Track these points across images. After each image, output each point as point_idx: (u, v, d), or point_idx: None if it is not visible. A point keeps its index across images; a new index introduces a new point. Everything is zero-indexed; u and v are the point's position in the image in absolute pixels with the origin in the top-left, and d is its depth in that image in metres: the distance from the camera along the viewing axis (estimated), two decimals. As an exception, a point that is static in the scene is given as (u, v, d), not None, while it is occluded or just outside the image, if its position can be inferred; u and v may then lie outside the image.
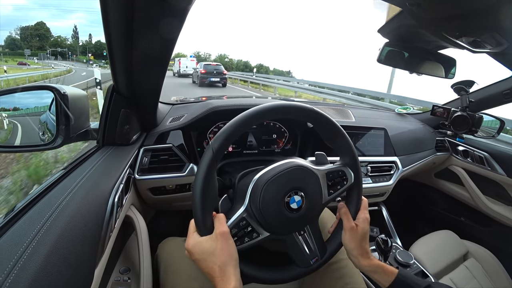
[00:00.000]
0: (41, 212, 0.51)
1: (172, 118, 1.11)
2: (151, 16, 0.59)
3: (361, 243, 0.66)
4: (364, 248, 0.66)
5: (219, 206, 0.63)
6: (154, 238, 0.87)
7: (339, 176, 0.69)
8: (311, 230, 0.67)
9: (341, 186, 0.69)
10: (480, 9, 0.59)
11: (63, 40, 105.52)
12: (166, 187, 1.02)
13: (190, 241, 0.56)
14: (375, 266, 0.65)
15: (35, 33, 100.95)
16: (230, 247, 0.54)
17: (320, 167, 0.68)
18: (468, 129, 1.40)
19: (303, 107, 0.64)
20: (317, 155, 0.73)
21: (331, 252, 0.69)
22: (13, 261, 0.40)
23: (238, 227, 0.59)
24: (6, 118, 0.80)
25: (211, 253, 0.53)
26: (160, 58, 0.74)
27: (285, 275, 0.65)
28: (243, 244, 0.59)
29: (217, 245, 0.53)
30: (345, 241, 0.67)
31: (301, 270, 0.66)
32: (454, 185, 1.59)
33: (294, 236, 0.65)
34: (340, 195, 0.70)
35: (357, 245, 0.66)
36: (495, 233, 1.43)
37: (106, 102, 0.81)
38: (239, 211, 0.60)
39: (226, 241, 0.54)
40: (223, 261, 0.52)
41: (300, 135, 1.23)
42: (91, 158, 0.79)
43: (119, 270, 0.79)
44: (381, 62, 1.00)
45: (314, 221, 0.69)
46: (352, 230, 0.66)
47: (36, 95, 0.82)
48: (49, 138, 0.78)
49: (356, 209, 0.70)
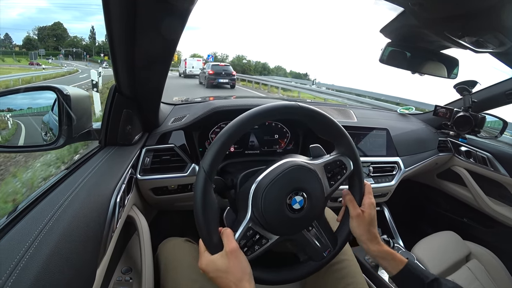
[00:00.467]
0: (44, 212, 0.52)
1: (174, 119, 1.11)
2: (153, 16, 0.59)
3: (369, 228, 0.66)
4: (372, 233, 0.66)
5: (224, 219, 0.64)
6: (156, 238, 0.87)
7: (338, 166, 0.68)
8: (319, 224, 0.68)
9: (341, 176, 0.68)
10: (483, 9, 0.58)
11: (79, 41, 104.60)
12: (168, 187, 1.03)
13: (203, 260, 0.57)
14: (384, 253, 0.66)
15: (52, 33, 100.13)
16: (242, 262, 0.56)
17: (317, 161, 0.67)
18: (471, 129, 1.39)
19: (286, 105, 0.64)
20: (312, 148, 0.72)
21: (343, 241, 0.69)
22: (16, 261, 0.40)
23: (246, 238, 0.59)
24: (11, 119, 0.81)
25: (225, 271, 0.54)
26: (162, 58, 0.74)
27: (299, 273, 0.66)
28: (254, 252, 0.59)
29: (229, 263, 0.54)
30: (353, 228, 0.67)
31: (316, 264, 0.66)
32: (456, 185, 1.58)
33: (304, 233, 0.66)
34: (342, 184, 0.69)
35: (365, 231, 0.66)
36: (498, 234, 1.42)
37: (109, 102, 0.82)
38: (244, 222, 0.60)
39: (236, 257, 0.55)
40: (238, 278, 0.54)
41: (302, 135, 1.23)
42: (93, 158, 0.79)
43: (121, 270, 0.80)
44: (383, 62, 1.00)
45: (321, 215, 0.69)
46: (359, 216, 0.67)
47: (30, 96, 0.82)
48: (51, 138, 0.78)
49: (360, 195, 0.70)
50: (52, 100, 0.79)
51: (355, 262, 0.81)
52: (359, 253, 1.01)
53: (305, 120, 0.67)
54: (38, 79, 16.11)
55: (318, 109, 0.66)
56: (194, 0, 0.55)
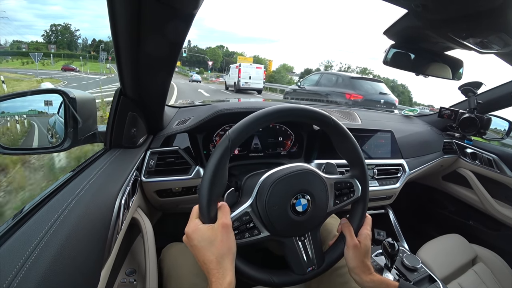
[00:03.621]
0: (49, 214, 0.52)
1: (179, 121, 1.11)
2: (158, 20, 0.60)
3: (364, 260, 0.66)
4: (366, 264, 0.66)
5: (225, 198, 0.63)
6: (160, 240, 0.87)
7: (347, 188, 0.69)
8: (311, 238, 0.67)
9: (347, 198, 0.69)
10: (487, 10, 0.58)
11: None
12: (173, 189, 1.03)
13: (192, 225, 0.56)
14: (378, 282, 0.65)
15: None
16: (230, 240, 0.54)
17: (330, 176, 0.68)
18: (476, 131, 1.38)
19: (321, 114, 0.65)
20: (327, 164, 0.74)
21: (329, 264, 0.68)
22: (21, 262, 0.40)
23: (240, 221, 0.59)
24: (25, 121, 0.82)
25: (211, 242, 0.52)
26: (166, 61, 0.75)
27: (279, 280, 0.64)
28: (243, 239, 0.59)
29: (217, 236, 0.53)
30: (349, 259, 0.66)
31: (296, 277, 0.65)
32: (462, 188, 1.57)
33: (294, 240, 0.65)
34: (345, 206, 0.69)
35: (360, 262, 0.65)
36: (505, 237, 1.41)
37: (114, 105, 0.82)
38: (244, 205, 0.60)
39: (227, 233, 0.54)
40: (221, 253, 0.52)
41: (306, 138, 1.23)
42: (99, 160, 0.80)
43: (125, 271, 0.80)
44: (387, 64, 1.00)
45: (316, 228, 0.68)
46: (355, 247, 0.66)
47: (37, 99, 0.83)
48: (57, 141, 0.79)
49: (359, 224, 0.70)
50: (42, 104, 0.80)
51: None
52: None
53: (332, 135, 0.69)
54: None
55: (348, 131, 0.68)
56: (198, 5, 0.56)
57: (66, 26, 59.58)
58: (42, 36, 61.45)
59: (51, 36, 57.70)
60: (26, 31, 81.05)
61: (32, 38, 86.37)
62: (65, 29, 60.18)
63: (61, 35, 59.08)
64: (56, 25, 60.46)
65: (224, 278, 0.50)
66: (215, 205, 0.57)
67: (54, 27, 61.06)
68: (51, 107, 0.82)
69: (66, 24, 60.34)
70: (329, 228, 0.86)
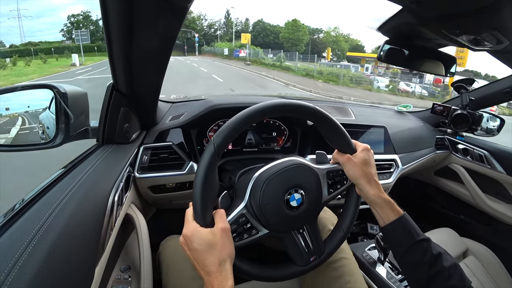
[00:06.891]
0: (41, 211, 0.52)
1: (172, 116, 1.10)
2: (151, 14, 0.59)
3: (364, 168, 0.66)
4: (369, 174, 0.66)
5: (219, 202, 0.63)
6: (154, 236, 0.87)
7: (339, 176, 0.70)
8: (310, 229, 0.68)
9: (341, 185, 0.70)
10: (481, 7, 0.58)
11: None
12: (166, 185, 1.03)
13: (190, 228, 0.54)
14: (383, 200, 0.64)
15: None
16: (231, 244, 0.54)
17: (321, 166, 0.68)
18: (468, 127, 1.40)
19: (307, 106, 0.64)
20: (317, 154, 0.73)
21: (329, 252, 0.69)
22: (14, 260, 0.40)
23: (237, 223, 0.59)
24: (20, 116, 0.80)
25: (212, 246, 0.52)
26: (159, 55, 0.74)
27: (282, 273, 0.65)
28: (242, 240, 0.59)
29: (218, 240, 0.52)
30: (348, 173, 0.67)
31: (299, 269, 0.66)
32: (454, 183, 1.59)
33: (293, 234, 0.66)
34: (340, 194, 0.70)
35: (360, 172, 0.65)
36: (495, 231, 1.44)
37: (106, 101, 0.81)
38: (239, 207, 0.60)
39: (227, 236, 0.54)
40: (223, 258, 0.52)
41: (300, 133, 1.23)
42: (91, 156, 0.79)
43: (120, 268, 0.79)
44: (381, 60, 1.00)
45: (313, 219, 0.69)
46: (349, 160, 0.66)
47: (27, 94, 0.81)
48: (48, 137, 0.78)
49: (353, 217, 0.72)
50: (28, 100, 0.79)
51: (353, 260, 0.82)
52: (357, 250, 1.02)
53: (318, 124, 0.68)
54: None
55: (334, 118, 0.67)
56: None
57: (85, 14, 51.97)
58: (61, 32, 54.30)
59: (71, 31, 49.00)
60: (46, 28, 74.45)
61: (45, 37, 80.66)
62: (84, 19, 52.96)
63: (84, 26, 50.27)
64: (74, 16, 53.04)
65: (226, 280, 0.50)
66: (210, 211, 0.57)
67: (73, 17, 53.11)
68: (42, 102, 0.80)
69: (84, 13, 52.74)
70: (323, 222, 0.86)
